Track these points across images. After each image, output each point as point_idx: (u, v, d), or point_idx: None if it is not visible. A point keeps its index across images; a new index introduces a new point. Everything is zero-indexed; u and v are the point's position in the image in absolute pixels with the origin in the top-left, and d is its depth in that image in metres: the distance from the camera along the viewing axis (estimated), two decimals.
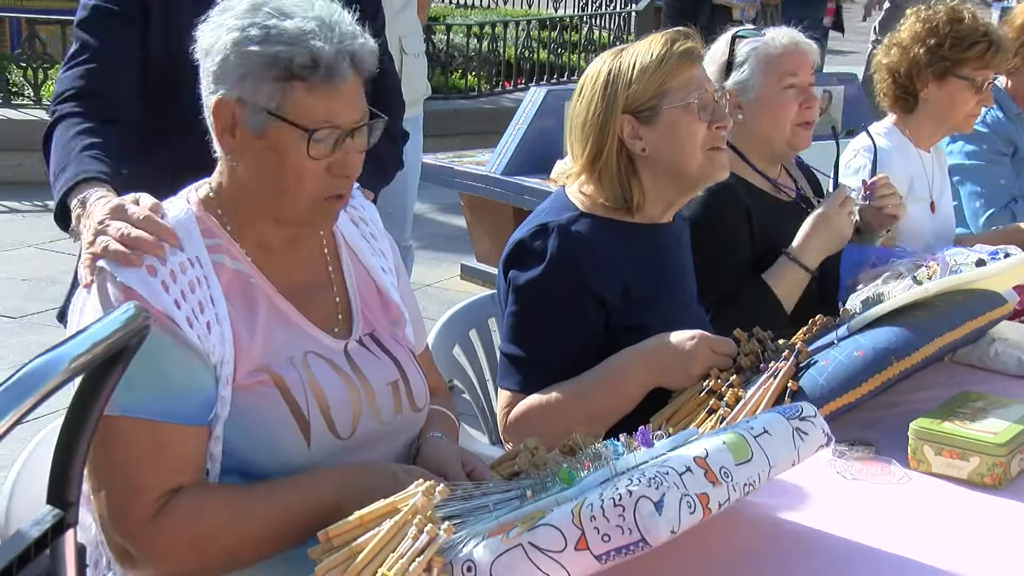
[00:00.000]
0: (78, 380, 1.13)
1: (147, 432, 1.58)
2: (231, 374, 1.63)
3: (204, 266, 1.66)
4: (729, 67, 2.76)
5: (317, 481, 1.64)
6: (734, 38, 2.78)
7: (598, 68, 2.23)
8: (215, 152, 1.72)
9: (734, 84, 2.75)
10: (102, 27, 2.33)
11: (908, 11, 3.27)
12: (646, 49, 2.19)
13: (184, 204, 1.72)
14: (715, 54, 2.81)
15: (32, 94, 7.99)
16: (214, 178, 1.75)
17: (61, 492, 1.17)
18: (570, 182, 2.28)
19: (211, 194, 1.74)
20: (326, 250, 1.84)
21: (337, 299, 1.81)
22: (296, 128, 1.62)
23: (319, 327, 1.75)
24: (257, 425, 1.65)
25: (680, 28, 2.24)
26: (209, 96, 1.66)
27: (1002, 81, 3.69)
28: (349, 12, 1.71)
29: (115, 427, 1.55)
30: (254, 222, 1.72)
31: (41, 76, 7.98)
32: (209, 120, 1.68)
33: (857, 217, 2.74)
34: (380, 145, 2.36)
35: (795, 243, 2.63)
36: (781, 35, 2.77)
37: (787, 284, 2.60)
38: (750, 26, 2.92)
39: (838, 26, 9.99)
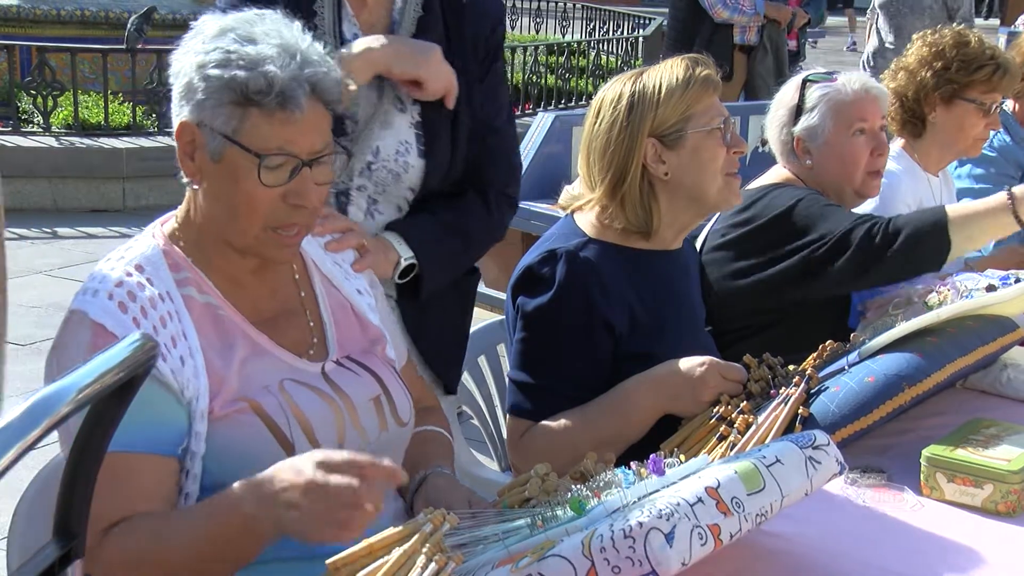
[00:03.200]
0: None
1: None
2: (206, 407, 1.62)
3: (175, 300, 1.66)
4: (798, 111, 2.76)
5: (234, 493, 1.55)
6: (804, 82, 2.78)
7: (618, 91, 2.21)
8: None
9: (803, 129, 2.75)
10: None
11: (915, 36, 3.27)
12: (669, 73, 2.19)
13: (151, 240, 1.72)
14: (783, 98, 2.81)
15: (42, 121, 8.02)
16: (181, 209, 1.75)
17: (67, 523, 1.17)
18: (588, 208, 2.27)
19: (176, 226, 1.74)
20: (297, 276, 1.83)
21: (311, 323, 1.81)
22: (248, 153, 1.62)
23: (293, 352, 1.74)
24: (241, 454, 1.63)
25: (695, 55, 2.24)
26: (175, 119, 1.67)
27: (1009, 105, 3.69)
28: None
29: None
30: (219, 253, 1.72)
31: (50, 103, 8.01)
32: (175, 144, 1.69)
33: None
34: (469, 216, 2.31)
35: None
36: (853, 80, 2.76)
37: (982, 226, 2.45)
38: (820, 69, 2.89)
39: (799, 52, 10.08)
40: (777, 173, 2.82)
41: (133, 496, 1.58)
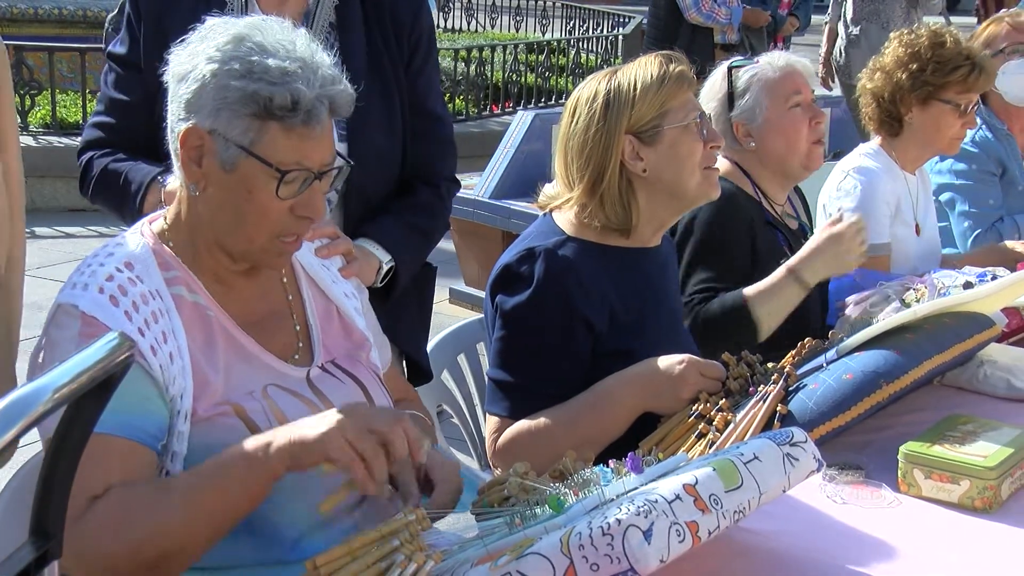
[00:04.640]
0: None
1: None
2: (190, 408, 1.61)
3: (164, 299, 1.65)
4: (731, 98, 2.78)
5: (238, 453, 1.54)
6: (730, 69, 2.80)
7: (593, 89, 2.22)
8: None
9: (740, 113, 2.77)
10: (114, 76, 2.34)
11: (892, 35, 3.29)
12: (644, 70, 2.19)
13: (139, 238, 1.71)
14: (712, 89, 2.82)
15: (19, 120, 7.94)
16: (171, 209, 1.74)
17: (44, 523, 1.16)
18: (567, 207, 2.26)
19: (166, 226, 1.73)
20: (285, 279, 1.83)
21: (297, 327, 1.81)
22: (268, 167, 1.62)
23: (278, 357, 1.74)
24: None
25: (669, 52, 2.25)
26: (178, 123, 1.65)
27: None
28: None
29: None
30: (209, 255, 1.71)
31: (28, 103, 7.98)
32: (174, 147, 1.67)
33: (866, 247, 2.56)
34: (427, 213, 2.37)
35: (798, 256, 2.52)
36: (776, 58, 2.81)
37: (778, 299, 2.49)
38: (739, 57, 2.93)
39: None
40: None
41: (110, 473, 1.55)
